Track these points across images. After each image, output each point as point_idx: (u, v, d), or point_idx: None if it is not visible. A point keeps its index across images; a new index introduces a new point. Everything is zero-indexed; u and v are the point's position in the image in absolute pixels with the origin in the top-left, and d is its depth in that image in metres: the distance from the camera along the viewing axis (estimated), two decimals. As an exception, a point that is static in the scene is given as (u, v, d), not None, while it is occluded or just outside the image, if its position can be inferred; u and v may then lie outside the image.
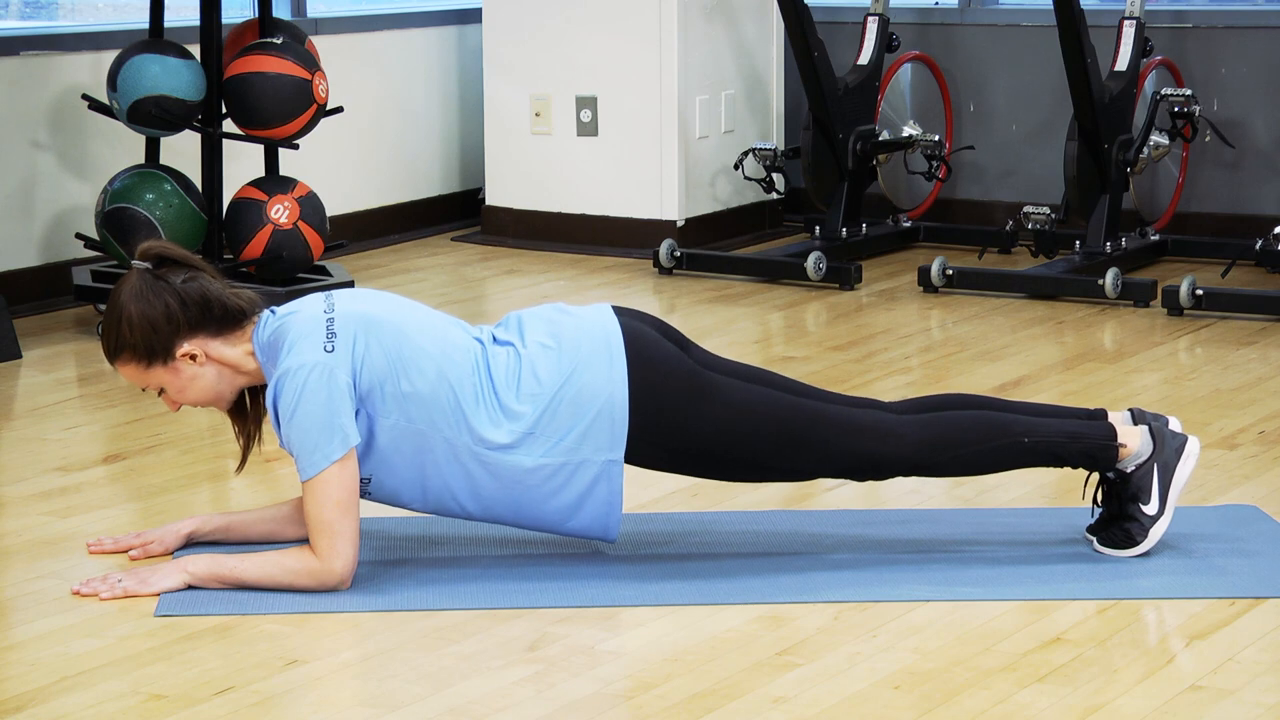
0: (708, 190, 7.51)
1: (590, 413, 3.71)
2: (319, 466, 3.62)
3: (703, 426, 3.75)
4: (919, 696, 3.24)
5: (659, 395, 3.73)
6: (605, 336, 3.76)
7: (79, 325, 6.11)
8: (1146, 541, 3.88)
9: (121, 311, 3.74)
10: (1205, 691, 3.25)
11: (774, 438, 3.77)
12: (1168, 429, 3.91)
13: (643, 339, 3.78)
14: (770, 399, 3.79)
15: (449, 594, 3.70)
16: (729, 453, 3.78)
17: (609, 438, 3.71)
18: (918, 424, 3.83)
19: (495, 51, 7.59)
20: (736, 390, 3.78)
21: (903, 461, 3.82)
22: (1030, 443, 3.84)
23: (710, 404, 3.75)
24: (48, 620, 3.60)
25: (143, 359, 3.75)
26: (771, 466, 3.82)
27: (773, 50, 7.76)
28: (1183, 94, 6.85)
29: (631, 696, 3.25)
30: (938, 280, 6.59)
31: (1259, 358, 5.65)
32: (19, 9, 7.39)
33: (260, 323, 3.78)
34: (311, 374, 3.63)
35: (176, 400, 3.82)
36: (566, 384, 3.71)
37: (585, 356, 3.73)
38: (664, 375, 3.75)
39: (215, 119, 6.04)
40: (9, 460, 4.74)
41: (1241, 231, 7.07)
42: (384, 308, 3.77)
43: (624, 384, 3.71)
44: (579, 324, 3.78)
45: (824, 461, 3.81)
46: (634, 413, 3.71)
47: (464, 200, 7.94)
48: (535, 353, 3.74)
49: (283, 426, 3.67)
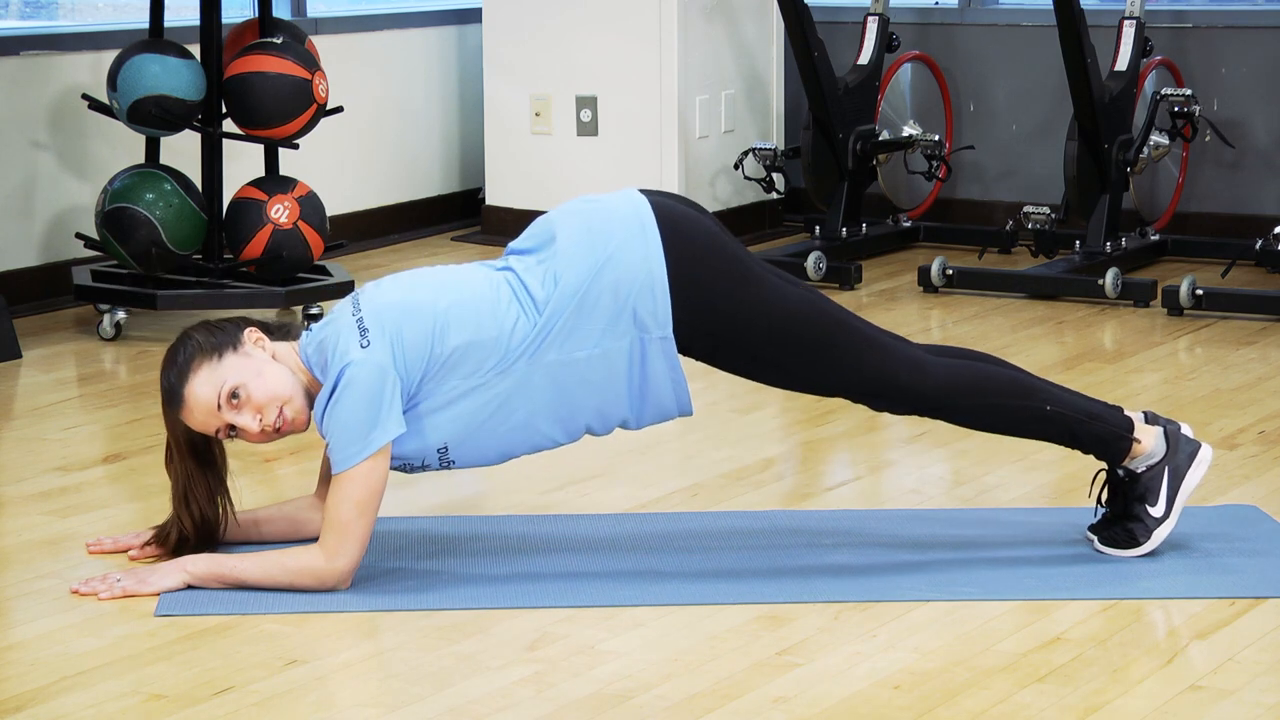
0: (708, 190, 7.51)
1: (632, 293, 3.68)
2: (350, 462, 3.63)
3: (740, 312, 3.71)
4: (919, 696, 3.24)
5: (697, 264, 3.70)
6: (637, 216, 3.73)
7: (79, 325, 6.11)
8: (1149, 543, 3.87)
9: (182, 341, 3.77)
10: (1205, 691, 3.25)
11: (809, 341, 3.74)
12: (1182, 434, 3.91)
13: (673, 213, 3.75)
14: (813, 301, 3.77)
15: (449, 594, 3.70)
16: (762, 348, 3.74)
17: (653, 315, 3.68)
18: (947, 365, 3.83)
19: (495, 51, 7.59)
20: (780, 286, 3.77)
21: (924, 397, 3.80)
22: (1051, 411, 3.83)
23: (750, 291, 3.72)
24: (47, 620, 3.60)
25: (213, 353, 3.72)
26: (799, 374, 3.79)
27: (773, 50, 7.76)
28: (1183, 94, 6.85)
29: (631, 696, 3.25)
30: (938, 280, 6.59)
31: (1259, 358, 5.65)
32: (19, 9, 7.39)
33: (303, 341, 3.79)
34: (358, 370, 3.63)
35: (255, 397, 3.70)
36: (604, 269, 3.68)
37: (618, 240, 3.70)
38: (702, 245, 3.73)
39: (215, 119, 6.04)
40: (9, 460, 4.74)
41: (1241, 231, 7.07)
42: (405, 288, 3.76)
43: (660, 259, 3.68)
44: (608, 210, 3.76)
45: (850, 376, 3.78)
46: (674, 286, 3.68)
47: (464, 200, 7.94)
48: (567, 249, 3.72)
49: (324, 421, 3.68)
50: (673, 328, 3.70)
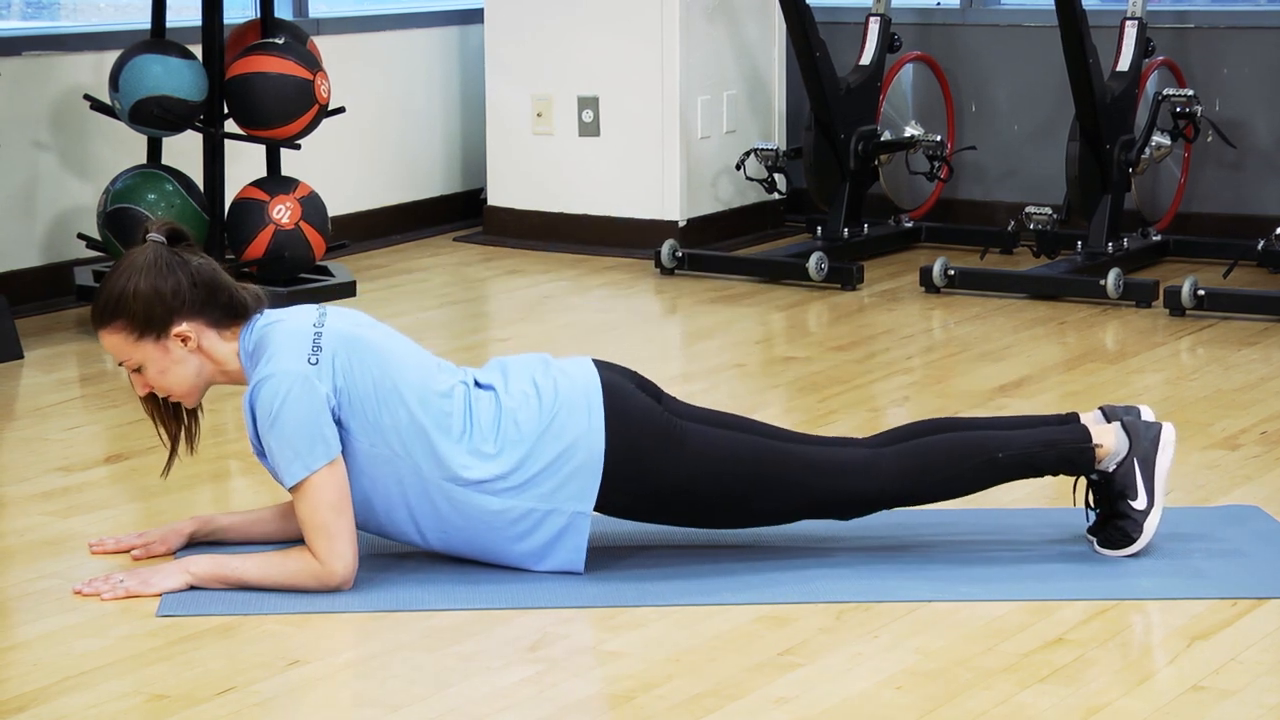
0: (709, 190, 7.51)
1: (567, 463, 3.72)
2: (307, 470, 3.62)
3: (678, 471, 3.76)
4: (921, 697, 3.24)
5: (634, 446, 3.74)
6: (586, 389, 3.76)
7: (81, 325, 6.11)
8: (1142, 537, 3.87)
9: (129, 279, 3.71)
10: (1207, 692, 3.25)
11: (751, 479, 3.78)
12: (1141, 420, 3.91)
13: (620, 393, 3.78)
14: (744, 443, 3.81)
15: (450, 594, 3.70)
16: (707, 497, 3.79)
17: (581, 489, 3.73)
18: (894, 455, 3.84)
19: (497, 52, 7.59)
20: (710, 436, 3.80)
21: (884, 494, 3.84)
22: (1005, 458, 3.85)
23: (684, 450, 3.76)
24: (50, 620, 3.60)
25: (135, 330, 3.71)
26: (753, 510, 3.84)
27: (774, 50, 7.76)
28: (1184, 94, 6.85)
29: (633, 697, 3.24)
30: (939, 280, 6.58)
31: (1261, 358, 5.65)
32: (21, 9, 7.39)
33: (248, 326, 3.77)
34: (295, 383, 3.62)
35: (152, 383, 3.77)
36: (545, 433, 3.72)
37: (565, 408, 3.74)
38: (639, 425, 3.75)
39: (217, 119, 6.04)
40: (11, 460, 4.74)
41: (1243, 232, 7.07)
42: (372, 334, 3.77)
43: (601, 436, 3.72)
44: (561, 376, 3.79)
45: (802, 501, 3.83)
46: (609, 464, 3.72)
47: (466, 200, 7.94)
48: (518, 400, 3.75)
49: (262, 433, 3.66)
50: (603, 499, 3.74)
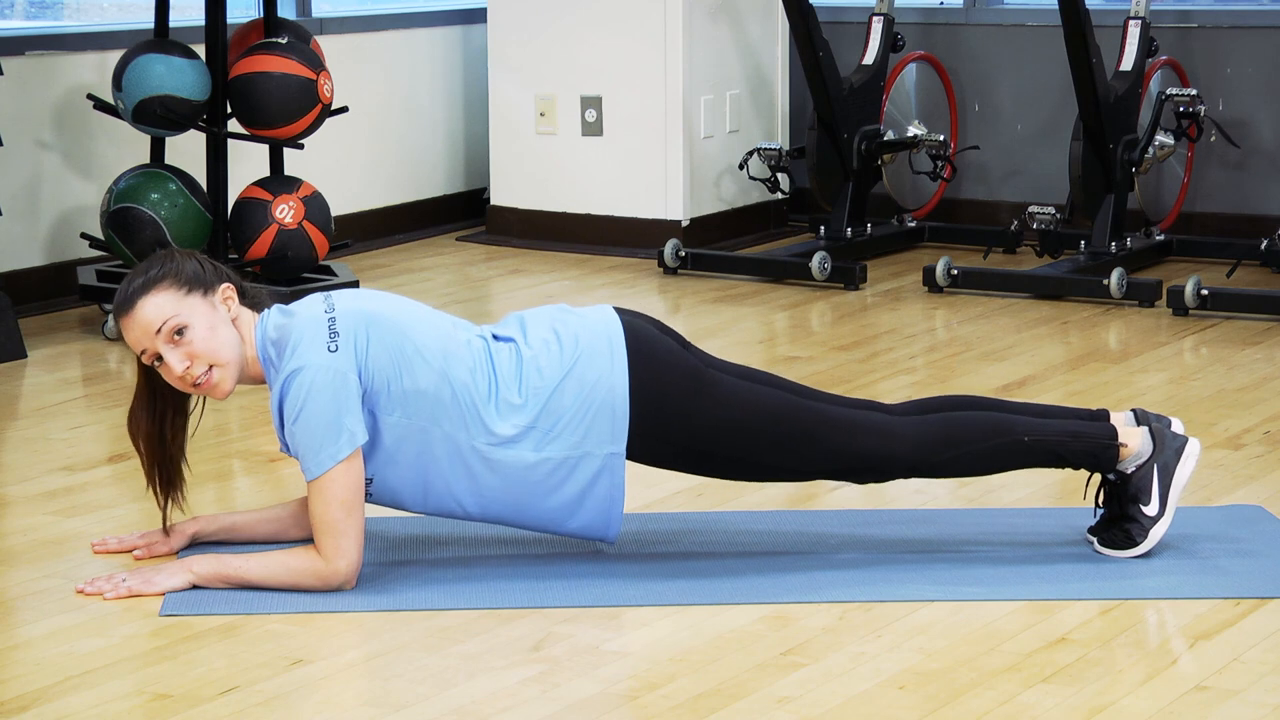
0: (712, 190, 7.51)
1: (592, 406, 3.71)
2: (324, 466, 3.62)
3: (703, 421, 3.75)
4: (924, 697, 3.24)
5: (660, 389, 3.74)
6: (607, 332, 3.77)
7: (84, 325, 6.11)
8: (1146, 542, 3.87)
9: (164, 261, 3.75)
10: (1210, 692, 3.25)
11: (775, 436, 3.77)
12: (1169, 430, 3.91)
13: (643, 334, 3.79)
14: (771, 397, 3.80)
15: (453, 594, 3.70)
16: (730, 450, 3.78)
17: (610, 431, 3.72)
18: (918, 424, 3.84)
19: (500, 51, 7.59)
20: (738, 388, 3.79)
21: (902, 462, 3.82)
22: (1030, 442, 3.84)
23: (711, 400, 3.76)
24: (53, 620, 3.60)
25: (184, 285, 3.72)
26: (772, 465, 3.82)
27: (778, 50, 7.76)
28: (1188, 94, 6.85)
29: (636, 696, 3.25)
30: (943, 280, 6.58)
31: (1264, 358, 5.65)
32: (24, 9, 7.39)
33: (262, 318, 3.78)
34: (318, 375, 3.63)
35: (199, 348, 3.69)
36: (568, 378, 3.72)
37: (586, 351, 3.74)
38: (665, 369, 3.75)
39: (220, 119, 6.04)
40: (14, 460, 4.74)
41: (1247, 231, 7.07)
42: (385, 305, 3.77)
43: (625, 377, 3.72)
44: (581, 321, 3.80)
45: (825, 461, 3.81)
46: (635, 405, 3.72)
47: (469, 200, 7.95)
48: (538, 348, 3.75)
49: (287, 427, 3.67)
50: (627, 444, 3.73)
